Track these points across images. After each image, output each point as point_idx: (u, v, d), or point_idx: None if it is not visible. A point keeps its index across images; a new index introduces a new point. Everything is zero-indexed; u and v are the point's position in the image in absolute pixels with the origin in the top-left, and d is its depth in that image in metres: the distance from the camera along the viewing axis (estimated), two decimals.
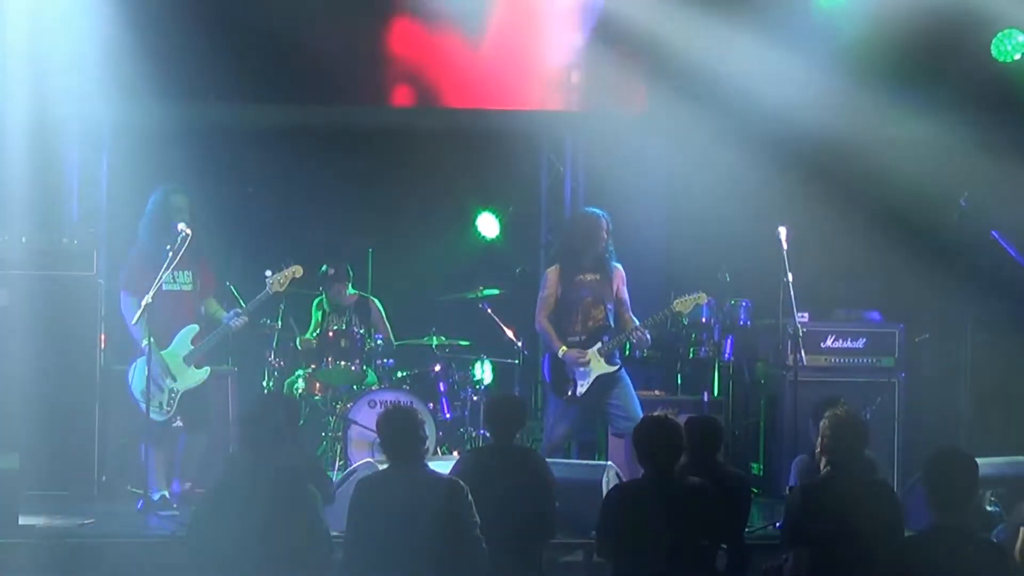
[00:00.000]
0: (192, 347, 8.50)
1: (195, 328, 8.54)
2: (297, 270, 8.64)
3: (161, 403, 8.36)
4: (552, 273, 8.84)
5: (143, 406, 8.38)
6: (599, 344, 8.68)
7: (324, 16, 10.02)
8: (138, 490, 8.57)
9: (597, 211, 8.87)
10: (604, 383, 8.66)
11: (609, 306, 8.77)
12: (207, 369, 8.58)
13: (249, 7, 9.86)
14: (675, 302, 8.84)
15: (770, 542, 7.42)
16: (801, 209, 9.49)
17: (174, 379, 8.46)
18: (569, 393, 8.68)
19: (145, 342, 8.34)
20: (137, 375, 8.46)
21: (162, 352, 8.37)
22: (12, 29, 9.75)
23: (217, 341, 8.60)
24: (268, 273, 8.64)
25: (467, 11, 10.08)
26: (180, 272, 8.41)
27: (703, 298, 9.04)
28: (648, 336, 8.76)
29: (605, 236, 8.74)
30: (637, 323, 8.75)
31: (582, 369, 8.64)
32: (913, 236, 10.12)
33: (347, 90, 10.24)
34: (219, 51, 9.82)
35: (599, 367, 8.66)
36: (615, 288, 8.78)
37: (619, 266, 8.84)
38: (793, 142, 10.07)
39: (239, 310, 8.62)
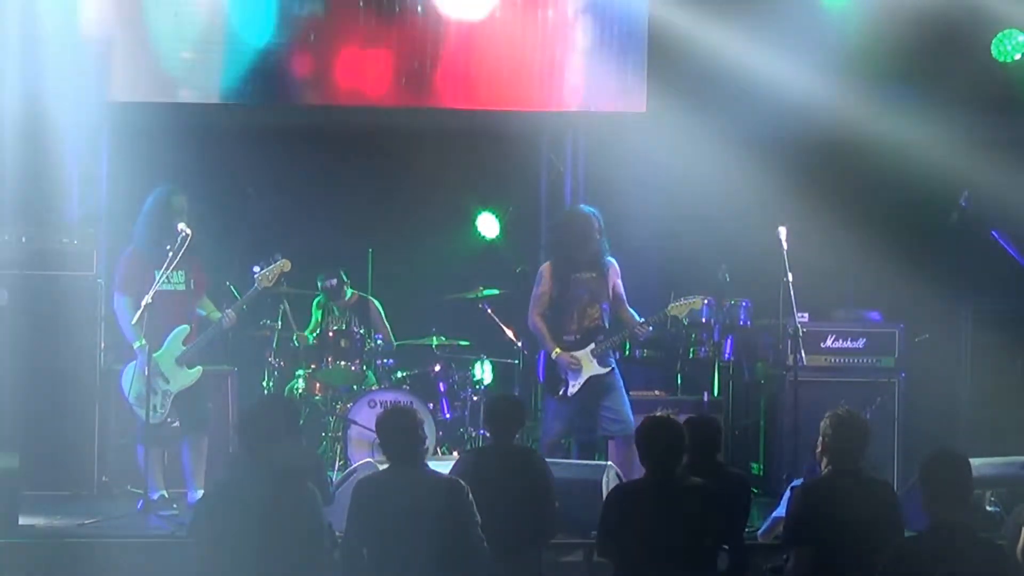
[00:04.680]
0: (184, 348, 8.48)
1: (186, 329, 8.51)
2: (285, 264, 8.60)
3: (155, 405, 8.33)
4: (546, 270, 8.82)
5: (137, 411, 8.38)
6: (592, 345, 8.67)
7: (323, 15, 10.06)
8: (138, 490, 8.57)
9: (588, 209, 8.83)
10: (596, 385, 8.65)
11: (604, 306, 8.75)
12: (199, 368, 8.54)
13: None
14: (671, 306, 8.81)
15: (770, 542, 7.44)
16: (801, 209, 9.49)
17: (167, 381, 8.43)
18: (560, 392, 8.68)
19: (138, 344, 8.34)
20: (129, 379, 8.45)
21: (154, 355, 8.32)
22: (12, 28, 9.77)
23: (208, 340, 8.57)
24: (256, 269, 8.62)
25: (468, 9, 10.10)
26: (173, 272, 8.38)
27: (698, 303, 9.01)
28: (651, 330, 8.77)
29: (598, 236, 8.72)
30: (637, 318, 8.74)
31: (573, 371, 8.63)
32: (913, 236, 10.12)
33: (347, 90, 10.25)
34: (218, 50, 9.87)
35: (591, 368, 8.65)
36: (611, 285, 8.77)
37: (613, 261, 8.81)
38: (793, 142, 10.07)
39: (230, 309, 8.60)
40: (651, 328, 8.81)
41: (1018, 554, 5.85)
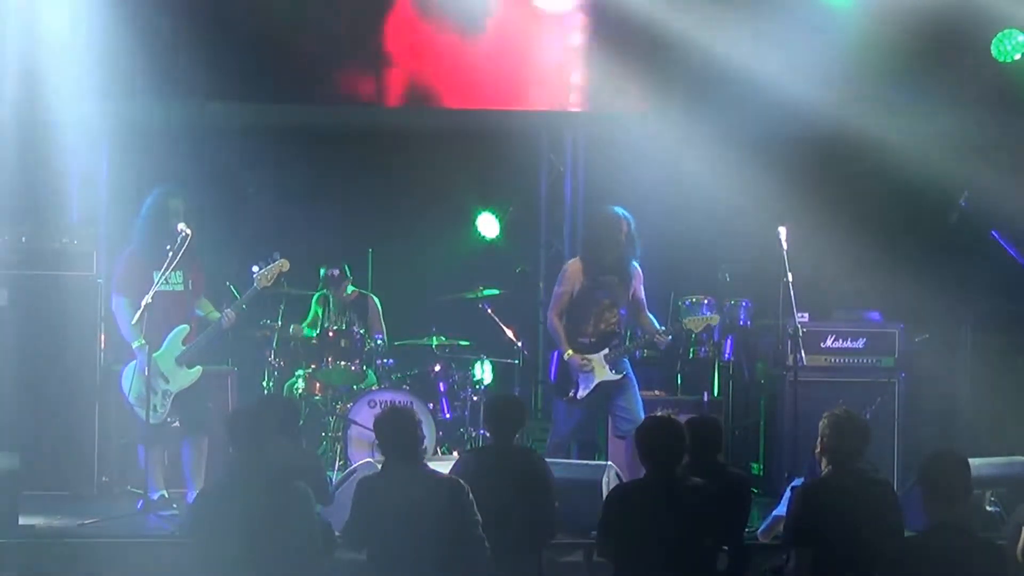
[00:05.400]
0: (183, 348, 8.47)
1: (185, 328, 8.50)
2: (284, 264, 8.59)
3: (155, 406, 8.33)
4: (572, 268, 8.78)
5: (138, 411, 8.37)
6: (606, 350, 8.65)
7: (324, 15, 10.06)
8: (138, 490, 8.57)
9: (618, 210, 8.77)
10: (608, 390, 8.65)
11: (622, 311, 8.74)
12: (199, 368, 8.54)
13: (249, 6, 9.92)
14: (686, 320, 8.85)
15: (770, 541, 7.45)
16: (801, 209, 9.50)
17: (167, 381, 8.43)
18: (570, 395, 8.68)
19: (137, 344, 8.34)
20: (129, 379, 8.45)
21: (154, 355, 8.31)
22: (11, 28, 9.77)
23: (208, 340, 8.57)
24: (255, 268, 8.62)
25: (468, 10, 10.10)
26: (172, 272, 8.37)
27: (715, 319, 9.05)
28: (670, 339, 8.79)
29: (623, 237, 8.69)
30: (657, 325, 8.74)
31: (585, 374, 8.63)
32: (913, 236, 10.13)
33: (347, 90, 10.26)
34: (218, 50, 9.87)
35: (603, 374, 8.64)
36: (632, 290, 8.75)
37: (637, 266, 8.80)
38: (793, 142, 10.08)
39: (229, 309, 8.60)
40: (671, 338, 8.82)
41: (1018, 554, 5.85)
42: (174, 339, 8.45)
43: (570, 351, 8.63)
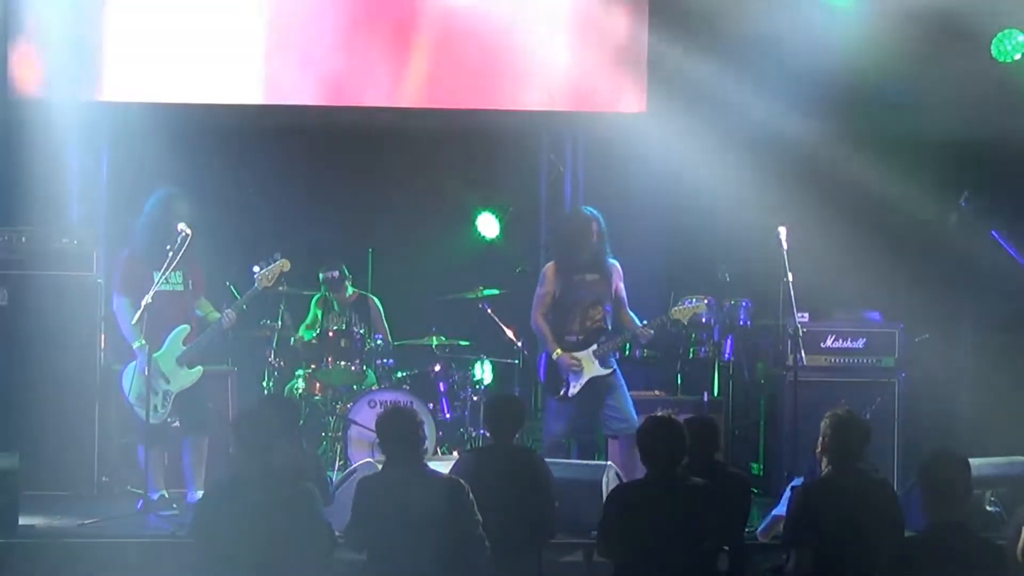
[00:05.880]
0: (184, 348, 8.47)
1: (186, 328, 8.50)
2: (285, 264, 8.60)
3: (156, 406, 8.33)
4: (549, 270, 8.84)
5: (138, 411, 8.37)
6: (595, 346, 8.68)
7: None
8: (138, 490, 8.57)
9: (588, 210, 8.85)
10: (597, 385, 8.66)
11: (607, 307, 8.77)
12: (199, 368, 8.54)
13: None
14: (673, 310, 8.84)
15: (770, 541, 7.45)
16: (801, 209, 9.49)
17: (167, 381, 8.43)
18: (561, 393, 8.69)
19: (137, 344, 8.34)
20: (129, 379, 8.45)
21: (154, 355, 8.32)
22: (11, 28, 9.78)
23: (208, 340, 8.57)
24: (256, 268, 8.62)
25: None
26: (172, 272, 8.38)
27: (702, 307, 9.03)
28: (652, 333, 8.80)
29: (595, 237, 8.72)
30: (638, 321, 8.76)
31: (575, 371, 8.64)
32: (913, 236, 10.12)
33: (347, 90, 10.27)
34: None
35: (592, 369, 8.66)
36: (613, 287, 8.79)
37: (616, 263, 8.83)
38: (793, 141, 10.06)
39: (229, 309, 8.59)
40: (652, 332, 8.84)
41: (1018, 554, 5.85)
42: (175, 339, 8.46)
43: (558, 350, 8.66)
